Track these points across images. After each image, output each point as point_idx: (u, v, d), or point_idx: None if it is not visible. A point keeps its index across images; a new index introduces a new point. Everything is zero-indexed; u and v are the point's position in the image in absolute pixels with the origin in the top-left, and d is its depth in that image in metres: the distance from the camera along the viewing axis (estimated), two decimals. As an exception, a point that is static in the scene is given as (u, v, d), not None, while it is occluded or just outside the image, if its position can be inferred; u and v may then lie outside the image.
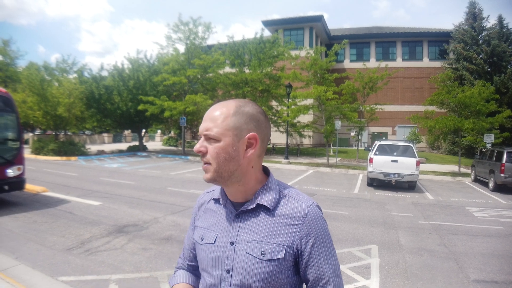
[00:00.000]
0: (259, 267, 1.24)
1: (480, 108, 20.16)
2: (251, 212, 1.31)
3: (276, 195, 1.32)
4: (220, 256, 1.32)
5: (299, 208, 1.28)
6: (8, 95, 10.33)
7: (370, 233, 8.20)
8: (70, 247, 6.51)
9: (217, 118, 1.26)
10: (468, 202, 12.98)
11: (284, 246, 1.25)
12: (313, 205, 1.31)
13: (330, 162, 23.81)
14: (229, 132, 1.25)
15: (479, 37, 36.18)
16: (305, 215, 1.27)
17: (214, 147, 1.25)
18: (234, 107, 1.28)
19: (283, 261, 1.25)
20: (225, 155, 1.25)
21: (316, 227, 1.27)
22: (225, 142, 1.24)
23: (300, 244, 1.25)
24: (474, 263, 6.44)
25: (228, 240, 1.31)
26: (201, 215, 1.48)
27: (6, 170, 9.54)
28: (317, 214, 1.30)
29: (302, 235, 1.25)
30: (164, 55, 30.31)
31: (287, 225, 1.27)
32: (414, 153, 15.18)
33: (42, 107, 25.37)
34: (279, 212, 1.29)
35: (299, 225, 1.26)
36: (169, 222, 8.57)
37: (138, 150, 31.17)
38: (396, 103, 42.49)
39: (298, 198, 1.32)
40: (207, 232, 1.39)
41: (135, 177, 16.08)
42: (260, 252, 1.25)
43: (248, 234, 1.29)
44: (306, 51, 25.62)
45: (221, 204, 1.41)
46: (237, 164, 1.27)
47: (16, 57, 45.13)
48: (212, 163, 1.26)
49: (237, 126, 1.26)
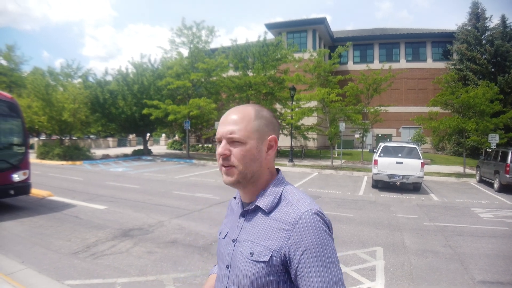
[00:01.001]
0: (247, 267, 1.26)
1: (484, 109, 20.10)
2: (252, 212, 1.35)
3: (275, 198, 1.32)
4: (225, 251, 1.40)
5: (292, 213, 1.25)
6: (13, 100, 10.41)
7: (375, 235, 8.19)
8: (76, 251, 6.54)
9: (240, 122, 1.31)
10: (473, 203, 12.94)
11: (271, 250, 1.23)
12: (309, 212, 1.23)
13: (334, 164, 23.78)
14: (254, 134, 1.31)
15: (482, 37, 36.08)
16: (296, 222, 1.22)
17: (240, 149, 1.29)
18: (254, 111, 1.35)
19: (269, 264, 1.22)
20: (251, 156, 1.30)
21: (308, 236, 1.19)
22: (251, 145, 1.30)
23: (289, 251, 1.21)
24: (480, 264, 6.42)
25: (231, 237, 1.38)
26: (227, 212, 1.58)
27: (12, 175, 9.60)
28: (311, 222, 1.21)
29: (292, 242, 1.20)
30: (168, 59, 30.36)
31: (278, 229, 1.25)
32: (418, 154, 15.15)
33: (47, 112, 25.49)
34: (274, 216, 1.29)
35: (289, 230, 1.22)
36: (174, 225, 8.59)
37: (143, 154, 31.23)
38: (400, 104, 42.37)
39: (297, 203, 1.27)
40: (224, 228, 1.50)
41: (140, 181, 16.12)
42: (250, 252, 1.27)
43: (246, 234, 1.33)
44: (309, 53, 25.59)
45: (237, 203, 1.49)
46: (259, 165, 1.33)
47: (21, 62, 45.34)
48: (237, 165, 1.29)
49: (260, 129, 1.33)
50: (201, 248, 6.88)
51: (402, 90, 42.72)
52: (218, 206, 11.04)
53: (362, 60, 44.49)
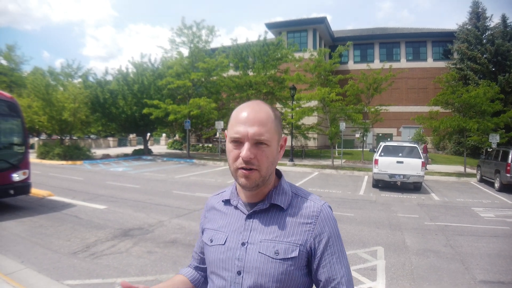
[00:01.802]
0: (273, 267, 1.22)
1: (485, 108, 20.07)
2: (264, 212, 1.32)
3: (289, 196, 1.34)
4: (230, 257, 1.30)
5: (312, 207, 1.30)
6: (13, 100, 10.39)
7: (375, 235, 8.18)
8: (76, 251, 6.53)
9: (266, 122, 1.23)
10: (474, 202, 12.92)
11: (298, 244, 1.24)
12: (325, 205, 1.32)
13: (335, 164, 23.76)
14: (275, 136, 1.27)
15: (483, 37, 36.08)
16: (318, 214, 1.28)
17: (265, 151, 1.23)
18: (271, 110, 1.29)
19: (297, 260, 1.24)
20: (272, 159, 1.26)
21: (329, 226, 1.28)
22: (273, 146, 1.26)
23: (314, 242, 1.25)
24: (481, 264, 6.40)
25: (239, 241, 1.30)
26: (210, 217, 1.47)
27: (12, 175, 9.59)
28: (330, 214, 1.31)
29: (316, 233, 1.26)
30: (168, 58, 30.32)
31: (300, 224, 1.27)
32: (419, 154, 15.13)
33: (47, 112, 25.48)
34: (292, 212, 1.30)
35: (312, 223, 1.27)
36: (174, 225, 8.58)
37: (143, 154, 31.22)
38: (400, 104, 42.35)
39: (310, 198, 1.33)
40: (217, 234, 1.38)
41: (140, 181, 16.11)
42: (274, 251, 1.24)
43: (261, 234, 1.28)
44: (309, 53, 25.55)
45: (232, 205, 1.40)
46: (275, 166, 1.32)
47: (21, 62, 45.45)
48: (260, 169, 1.23)
49: (278, 130, 1.29)
50: (201, 248, 6.84)
51: (403, 90, 42.71)
52: (218, 205, 11.00)
53: (363, 60, 44.48)
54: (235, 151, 1.23)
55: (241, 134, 1.21)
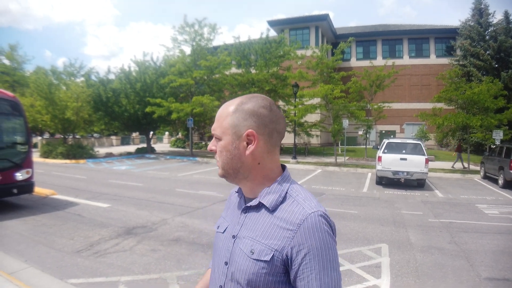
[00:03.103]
0: (247, 265, 1.21)
1: (489, 105, 20.01)
2: (255, 209, 1.30)
3: (280, 196, 1.26)
4: (223, 246, 1.34)
5: (298, 213, 1.19)
6: (16, 99, 10.40)
7: (380, 232, 8.15)
8: (79, 250, 6.53)
9: (218, 118, 1.30)
10: (478, 199, 12.88)
11: (273, 249, 1.18)
12: (315, 213, 1.18)
13: (338, 161, 23.72)
14: (228, 130, 1.27)
15: (485, 33, 35.92)
16: (301, 222, 1.17)
17: (219, 145, 1.30)
18: (235, 105, 1.28)
19: (270, 264, 1.17)
20: (227, 153, 1.28)
21: (312, 238, 1.15)
22: (225, 141, 1.28)
23: (291, 252, 1.16)
24: (485, 261, 6.37)
25: (231, 233, 1.33)
26: (227, 205, 1.53)
27: (15, 174, 9.60)
28: (317, 224, 1.17)
29: (295, 243, 1.16)
30: (170, 57, 30.32)
31: (282, 228, 1.20)
32: (423, 150, 15.08)
33: (50, 111, 25.54)
34: (278, 214, 1.23)
35: (293, 231, 1.17)
36: (178, 223, 8.58)
37: (146, 152, 31.25)
38: (403, 100, 42.27)
39: (302, 203, 1.22)
40: (223, 222, 1.44)
41: (144, 179, 16.12)
42: (250, 249, 1.22)
43: (247, 231, 1.28)
44: (312, 50, 25.52)
45: (239, 197, 1.43)
46: (239, 161, 1.27)
47: (23, 61, 45.58)
48: (218, 161, 1.31)
49: (235, 124, 1.26)
50: (204, 246, 6.85)
51: (406, 87, 42.61)
52: (221, 203, 11.01)
53: (365, 57, 44.39)
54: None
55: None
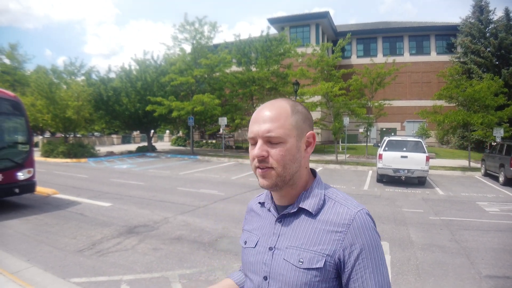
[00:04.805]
0: (297, 276, 1.16)
1: (489, 102, 20.00)
2: (293, 216, 1.26)
3: (321, 199, 1.24)
4: (259, 261, 1.27)
5: (344, 214, 1.18)
6: (17, 99, 10.41)
7: (380, 230, 8.15)
8: (81, 249, 6.56)
9: (277, 118, 1.19)
10: (479, 196, 12.89)
11: (325, 255, 1.15)
12: (361, 212, 1.20)
13: (339, 159, 23.72)
14: (293, 132, 1.20)
15: (486, 30, 35.86)
16: (350, 222, 1.16)
17: (279, 149, 1.18)
18: (289, 106, 1.23)
19: (322, 271, 1.14)
20: (290, 156, 1.19)
21: (363, 236, 1.15)
22: (290, 143, 1.19)
23: (343, 254, 1.14)
24: (486, 259, 6.39)
25: (267, 245, 1.27)
26: (249, 219, 1.46)
27: (17, 173, 9.62)
28: (365, 222, 1.18)
29: (346, 244, 1.14)
30: (170, 55, 30.32)
31: (329, 232, 1.17)
32: (423, 148, 15.09)
33: (51, 110, 25.52)
34: (322, 218, 1.21)
35: (342, 232, 1.15)
36: (179, 222, 8.60)
37: (147, 151, 31.25)
38: (404, 98, 42.22)
39: (345, 204, 1.22)
40: (251, 236, 1.37)
41: (145, 178, 16.15)
42: (298, 259, 1.17)
43: (288, 240, 1.22)
44: (312, 48, 25.48)
45: (266, 208, 1.37)
46: (298, 165, 1.23)
47: (24, 60, 45.59)
48: (276, 167, 1.18)
49: (298, 125, 1.22)
50: (206, 244, 6.87)
51: (406, 84, 42.56)
52: (223, 202, 11.04)
53: (366, 54, 44.29)
54: (253, 151, 1.21)
55: (253, 134, 1.20)
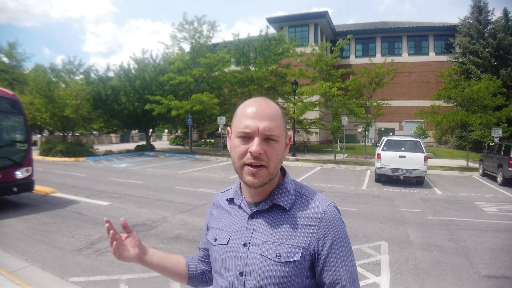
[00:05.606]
0: (274, 269, 1.19)
1: (488, 102, 20.03)
2: (267, 212, 1.27)
3: (293, 195, 1.29)
4: (233, 258, 1.28)
5: (316, 208, 1.24)
6: (15, 97, 10.39)
7: (379, 230, 8.18)
8: (80, 248, 6.54)
9: (276, 118, 1.21)
10: (477, 197, 12.90)
11: (301, 248, 1.20)
12: (330, 205, 1.26)
13: (337, 159, 23.75)
14: (283, 132, 1.24)
15: (485, 31, 35.90)
16: (323, 216, 1.23)
17: (274, 148, 1.20)
18: (279, 107, 1.27)
19: (299, 264, 1.20)
20: (280, 156, 1.23)
21: (334, 228, 1.23)
22: (281, 143, 1.23)
23: (317, 245, 1.20)
24: (484, 259, 6.40)
25: (241, 242, 1.27)
26: (216, 215, 1.44)
27: (15, 172, 9.60)
28: (335, 215, 1.26)
29: (319, 236, 1.20)
30: (169, 54, 30.35)
31: (303, 226, 1.22)
32: (422, 148, 15.11)
33: (49, 109, 25.50)
34: (295, 213, 1.25)
35: (316, 226, 1.21)
36: (178, 221, 8.59)
37: (145, 150, 31.24)
38: (402, 98, 42.30)
39: (315, 198, 1.28)
40: (220, 233, 1.36)
41: (143, 177, 16.13)
42: (275, 254, 1.20)
43: (263, 235, 1.24)
44: (311, 47, 25.48)
45: (236, 205, 1.36)
46: (281, 164, 1.27)
47: (22, 59, 45.51)
48: (269, 166, 1.19)
49: (285, 126, 1.26)
50: (205, 244, 6.85)
51: (405, 84, 42.65)
52: (221, 201, 11.01)
53: (364, 54, 44.36)
54: (243, 146, 1.19)
55: (251, 129, 1.17)
